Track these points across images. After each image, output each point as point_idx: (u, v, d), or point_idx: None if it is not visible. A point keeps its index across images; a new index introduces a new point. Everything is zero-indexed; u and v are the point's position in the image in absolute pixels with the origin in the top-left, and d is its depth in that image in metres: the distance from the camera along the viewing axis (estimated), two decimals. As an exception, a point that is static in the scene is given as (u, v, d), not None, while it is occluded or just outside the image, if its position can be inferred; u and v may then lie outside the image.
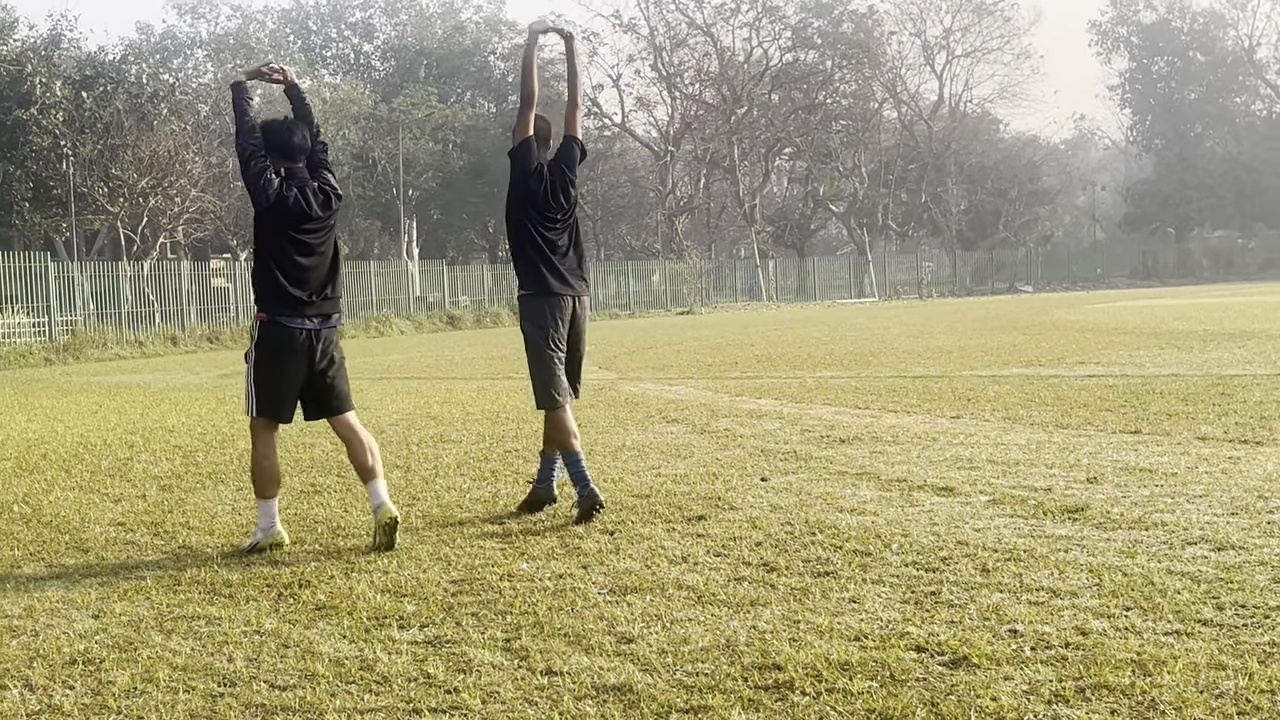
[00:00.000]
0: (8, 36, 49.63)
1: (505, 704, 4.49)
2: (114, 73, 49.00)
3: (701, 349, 26.16)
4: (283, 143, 7.42)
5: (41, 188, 46.01)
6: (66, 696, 4.70)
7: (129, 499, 9.14)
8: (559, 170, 8.13)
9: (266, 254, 7.34)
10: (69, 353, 32.38)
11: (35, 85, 44.63)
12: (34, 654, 5.25)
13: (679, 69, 77.88)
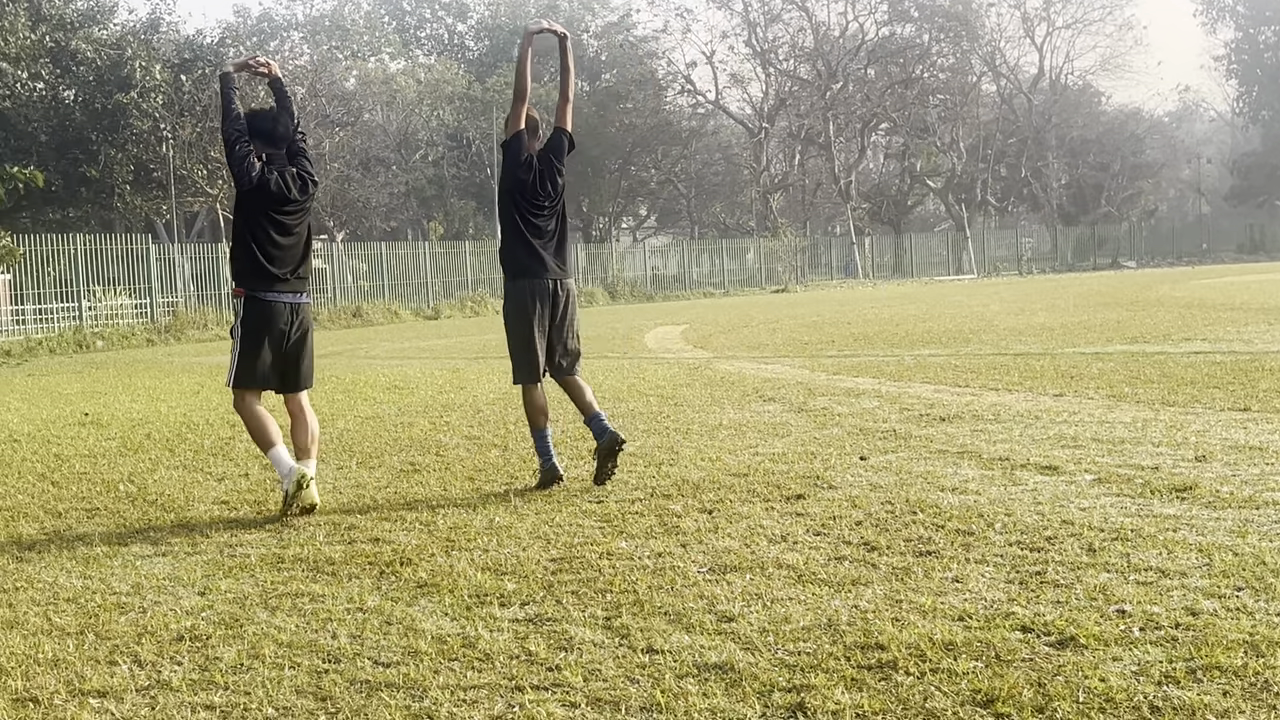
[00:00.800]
0: (108, 21, 50.49)
1: (607, 682, 4.48)
2: (212, 56, 49.63)
3: (797, 327, 26.04)
4: (266, 130, 7.95)
5: (142, 171, 46.77)
6: (175, 672, 4.76)
7: (232, 477, 9.26)
8: (547, 160, 8.59)
9: (246, 232, 7.85)
10: (170, 334, 32.90)
11: (135, 69, 45.34)
12: (142, 630, 5.32)
13: (773, 45, 77.49)
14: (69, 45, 46.74)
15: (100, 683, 4.66)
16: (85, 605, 5.76)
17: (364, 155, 58.19)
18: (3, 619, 5.56)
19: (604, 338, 25.66)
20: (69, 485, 9.17)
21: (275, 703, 4.39)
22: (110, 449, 11.13)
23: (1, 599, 5.92)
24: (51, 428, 13.03)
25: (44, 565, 6.60)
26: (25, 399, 16.60)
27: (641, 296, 53.89)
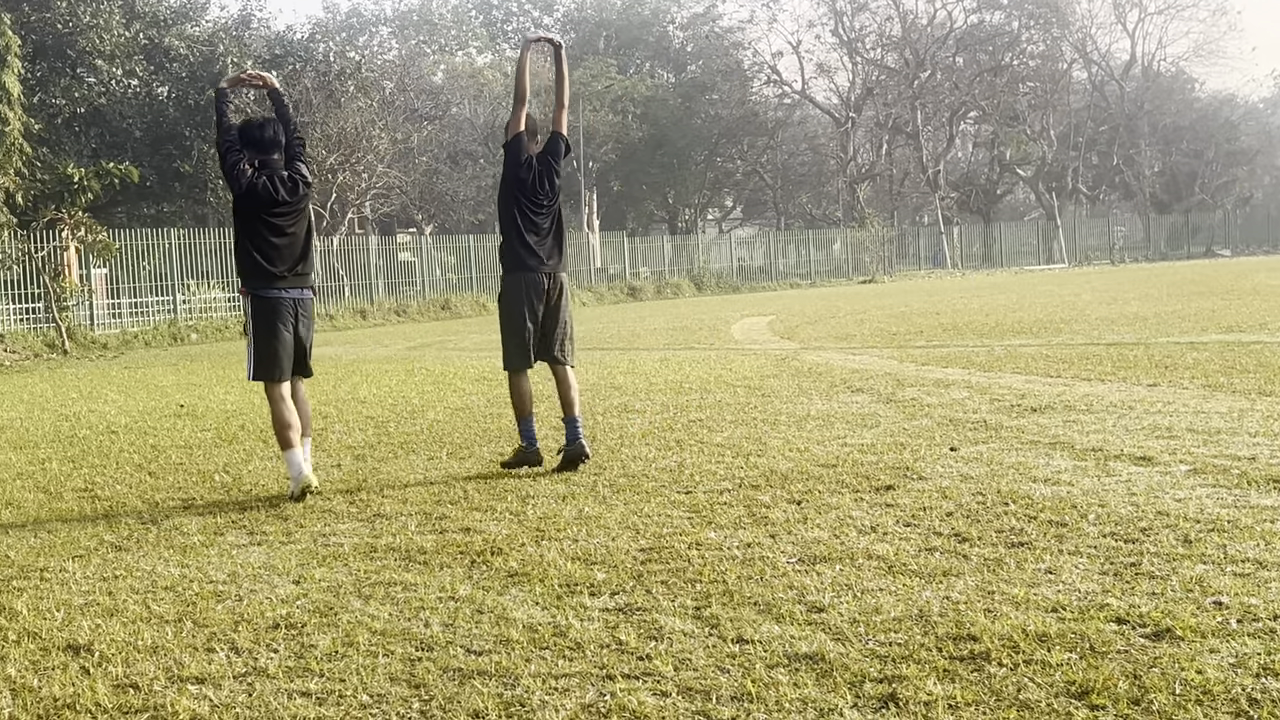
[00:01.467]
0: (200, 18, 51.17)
1: (697, 671, 4.49)
2: (302, 51, 50.16)
3: (885, 318, 25.89)
4: (255, 138, 8.42)
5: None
6: (271, 659, 4.83)
7: (325, 468, 9.36)
8: (545, 161, 9.03)
9: (244, 235, 8.43)
10: (264, 326, 33.29)
11: (227, 65, 45.88)
12: (239, 618, 5.40)
13: (860, 34, 77.05)
14: (162, 42, 47.42)
15: (198, 669, 4.74)
16: (183, 593, 5.86)
17: (451, 149, 58.56)
18: (103, 607, 5.67)
19: (690, 329, 25.67)
20: (166, 476, 9.33)
21: (370, 690, 4.45)
22: (205, 440, 11.30)
23: (102, 587, 6.03)
24: (148, 419, 13.25)
25: (142, 554, 6.72)
26: (122, 391, 16.89)
27: (727, 288, 53.81)
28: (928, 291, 41.56)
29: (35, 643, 5.17)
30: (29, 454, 10.90)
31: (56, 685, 4.63)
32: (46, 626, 5.39)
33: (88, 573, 6.34)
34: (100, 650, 5.01)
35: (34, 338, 27.05)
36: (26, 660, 4.95)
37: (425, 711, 4.26)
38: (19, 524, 7.72)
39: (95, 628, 5.33)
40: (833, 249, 66.87)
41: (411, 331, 31.19)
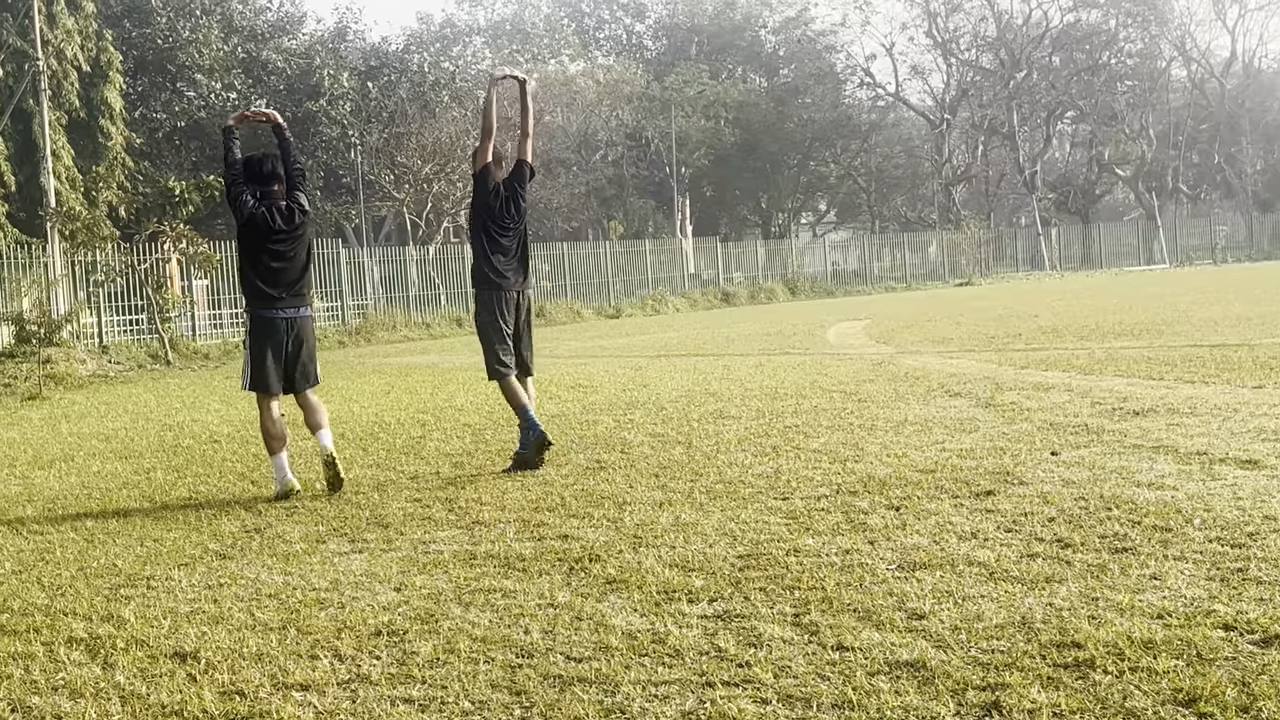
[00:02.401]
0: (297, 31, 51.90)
1: (797, 678, 4.47)
2: (397, 62, 50.69)
3: (982, 321, 25.65)
4: (257, 171, 9.14)
5: (332, 177, 47.97)
6: (374, 666, 4.88)
7: (423, 476, 9.44)
8: (512, 187, 9.81)
9: (245, 259, 9.15)
10: (360, 335, 33.66)
11: (324, 77, 46.53)
12: (341, 625, 5.46)
13: (954, 35, 76.44)
14: (260, 56, 48.17)
15: (302, 676, 4.80)
16: (286, 601, 5.93)
17: (545, 157, 58.81)
18: (209, 614, 5.76)
19: (785, 334, 25.59)
20: (267, 484, 9.44)
21: (471, 696, 4.48)
22: (305, 448, 11.43)
23: (207, 595, 6.12)
24: (249, 428, 13.42)
25: (246, 562, 6.82)
26: (224, 400, 17.14)
27: (822, 292, 53.58)
28: (1026, 294, 41.10)
29: (143, 650, 5.26)
30: (134, 463, 11.10)
31: (164, 692, 4.71)
32: (154, 634, 5.48)
33: (193, 581, 6.44)
34: (206, 657, 5.08)
35: (138, 348, 27.53)
36: (135, 667, 5.04)
37: (526, 718, 4.28)
38: (126, 532, 7.86)
39: (201, 635, 5.41)
40: (928, 252, 66.37)
41: (507, 339, 31.34)
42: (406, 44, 55.19)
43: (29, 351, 24.10)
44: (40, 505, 9.05)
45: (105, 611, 5.90)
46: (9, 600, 6.20)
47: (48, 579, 6.64)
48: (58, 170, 34.41)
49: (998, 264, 69.17)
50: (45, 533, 7.98)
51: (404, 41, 56.77)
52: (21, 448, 12.74)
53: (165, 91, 46.65)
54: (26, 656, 5.25)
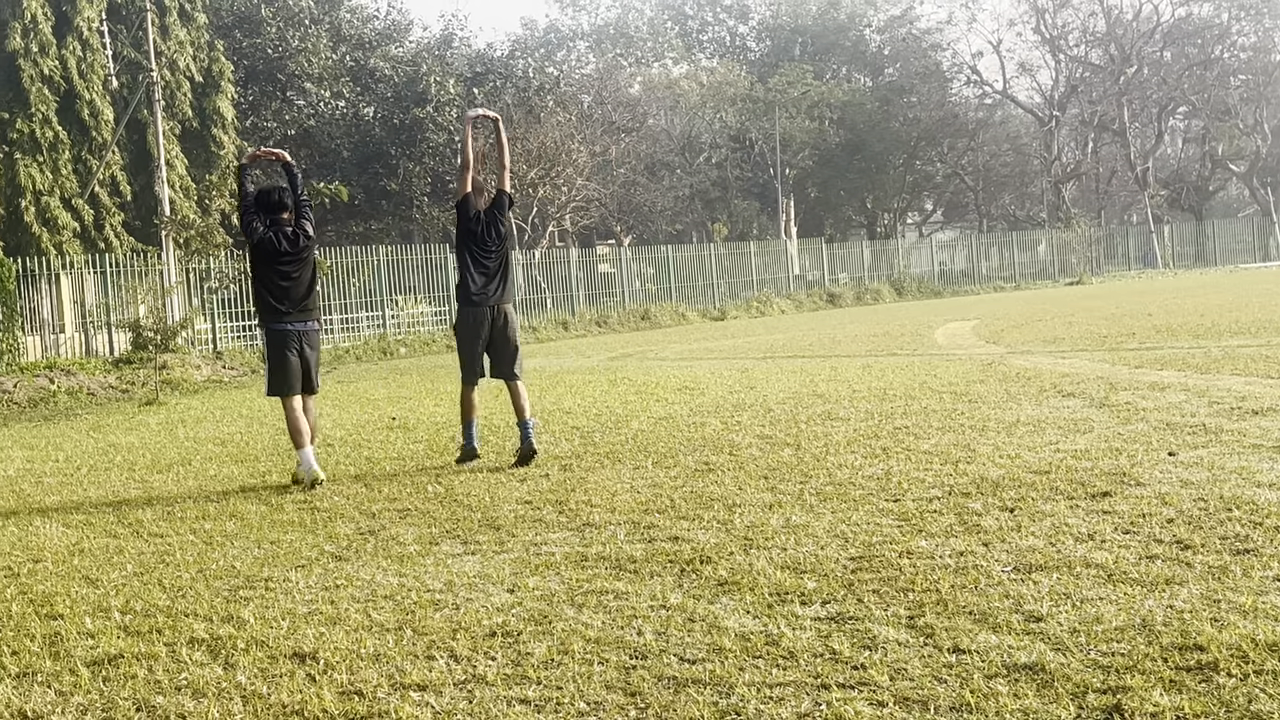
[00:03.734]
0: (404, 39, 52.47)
1: (913, 681, 4.44)
2: (502, 68, 51.07)
3: (1094, 320, 25.29)
4: (266, 202, 10.29)
5: (438, 182, 48.40)
6: (489, 667, 4.92)
7: (533, 478, 9.49)
8: (492, 215, 10.72)
9: (256, 279, 10.34)
10: (469, 339, 33.86)
11: (430, 84, 46.97)
12: (456, 626, 5.51)
13: (1063, 30, 75.40)
14: (368, 64, 48.75)
15: (419, 677, 4.85)
16: (402, 602, 5.99)
17: (649, 160, 58.99)
18: (327, 615, 5.83)
19: (892, 335, 25.41)
20: (380, 486, 9.56)
21: (586, 697, 4.50)
22: (417, 452, 11.56)
23: (324, 596, 6.21)
24: (361, 431, 13.60)
25: (361, 564, 6.90)
26: (336, 405, 17.35)
27: (929, 292, 53.12)
28: (1138, 292, 40.47)
29: (263, 650, 5.34)
30: (250, 467, 11.28)
31: (284, 692, 4.78)
32: (273, 635, 5.56)
33: (310, 582, 6.53)
34: (325, 658, 5.15)
35: (251, 354, 27.97)
36: (255, 667, 5.12)
37: (642, 719, 4.29)
38: (243, 535, 7.99)
39: (319, 636, 5.49)
40: (1037, 250, 65.55)
41: (612, 342, 31.45)
42: (511, 50, 55.60)
43: (145, 357, 24.62)
44: (159, 508, 9.22)
45: (225, 612, 6.00)
46: (132, 601, 6.33)
47: (168, 580, 6.77)
48: (172, 179, 35.10)
49: (1109, 262, 68.15)
50: (165, 535, 8.14)
51: (509, 47, 57.23)
52: (140, 452, 13.00)
53: (275, 100, 47.36)
54: (150, 657, 5.35)
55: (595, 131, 51.96)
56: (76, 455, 13.05)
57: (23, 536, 8.39)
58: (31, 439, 15.15)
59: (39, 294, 28.77)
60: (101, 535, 8.29)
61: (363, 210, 47.13)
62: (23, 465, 12.49)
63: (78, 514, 9.19)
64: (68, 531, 8.50)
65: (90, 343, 29.42)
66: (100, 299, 29.30)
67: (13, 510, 9.55)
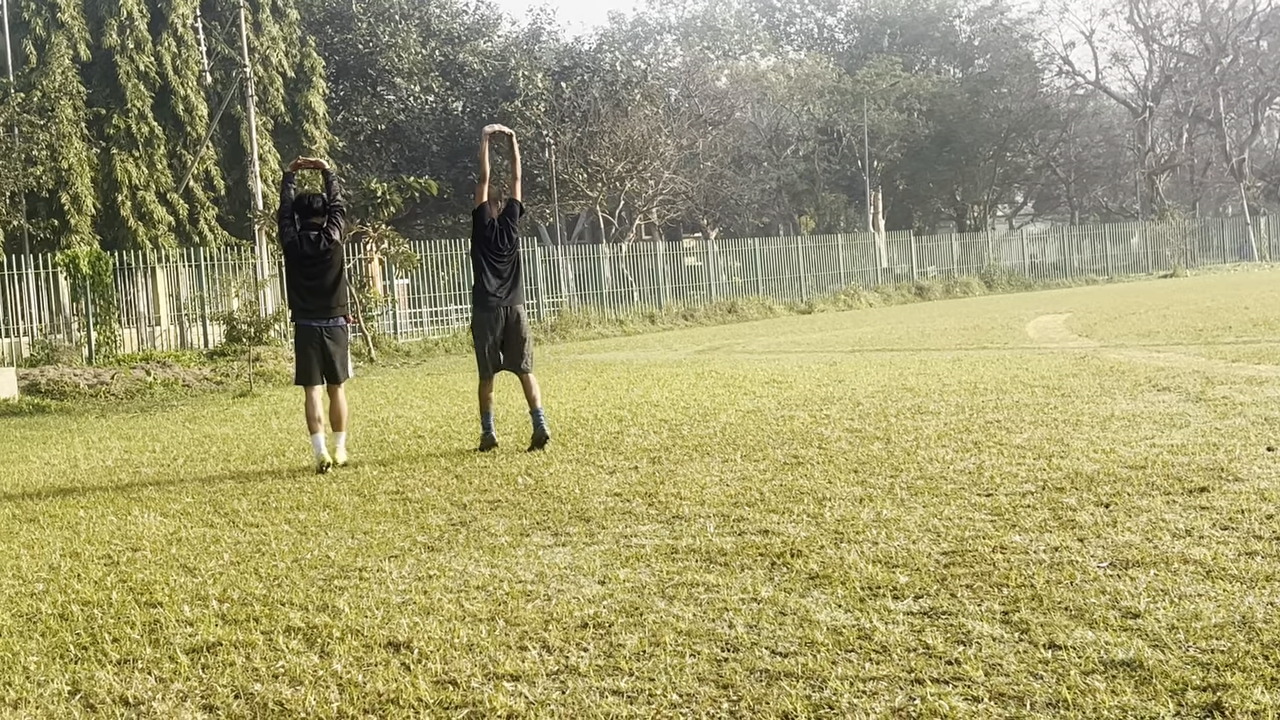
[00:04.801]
0: (492, 33, 52.72)
1: (1009, 677, 4.40)
2: (590, 62, 51.12)
3: (1189, 313, 24.91)
4: (304, 207, 11.04)
5: (526, 176, 48.48)
6: (581, 658, 4.94)
7: (622, 470, 9.52)
8: (505, 222, 11.52)
9: (287, 278, 11.37)
10: (555, 332, 34.02)
11: (519, 78, 47.16)
12: (548, 617, 5.54)
13: (1157, 20, 74.29)
14: (456, 58, 49.03)
15: (513, 667, 4.88)
16: (494, 593, 6.03)
17: (736, 153, 58.81)
18: (420, 605, 5.88)
19: (982, 328, 25.19)
20: (471, 478, 9.62)
21: (679, 689, 4.51)
22: (507, 444, 11.61)
23: (417, 586, 6.26)
24: (452, 423, 13.70)
25: (453, 554, 6.95)
26: (426, 397, 17.49)
27: (1019, 285, 52.57)
28: (1234, 285, 39.81)
29: (358, 640, 5.40)
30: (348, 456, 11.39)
31: (380, 681, 4.83)
32: (368, 624, 5.62)
33: (403, 572, 6.59)
34: (419, 647, 5.20)
35: (342, 346, 28.22)
36: (351, 656, 5.18)
37: (734, 712, 4.29)
38: (337, 525, 8.07)
39: (413, 625, 5.54)
40: (1130, 243, 64.65)
41: (699, 335, 31.42)
42: (599, 43, 55.59)
43: (239, 350, 24.94)
44: (254, 499, 9.35)
45: (320, 602, 6.07)
46: (229, 590, 6.42)
47: (265, 570, 6.86)
48: (264, 174, 35.55)
49: (1204, 255, 67.08)
50: (260, 525, 8.24)
51: (596, 41, 57.21)
52: (235, 443, 13.18)
53: (366, 95, 47.76)
54: (247, 645, 5.43)
55: (682, 125, 51.88)
56: (173, 446, 13.26)
57: (121, 526, 8.54)
58: (129, 430, 15.41)
59: (135, 287, 29.27)
60: (198, 525, 8.41)
61: (451, 204, 47.43)
62: (120, 456, 12.71)
63: (175, 504, 9.33)
64: (165, 521, 8.63)
65: (185, 335, 29.88)
66: (195, 292, 29.75)
67: (111, 500, 9.72)
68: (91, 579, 6.88)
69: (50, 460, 12.63)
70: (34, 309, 27.04)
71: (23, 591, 6.68)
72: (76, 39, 34.59)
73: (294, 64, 39.59)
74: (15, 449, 13.91)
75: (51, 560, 7.46)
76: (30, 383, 21.10)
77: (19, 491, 10.47)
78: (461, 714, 4.45)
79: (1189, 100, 73.30)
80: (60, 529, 8.55)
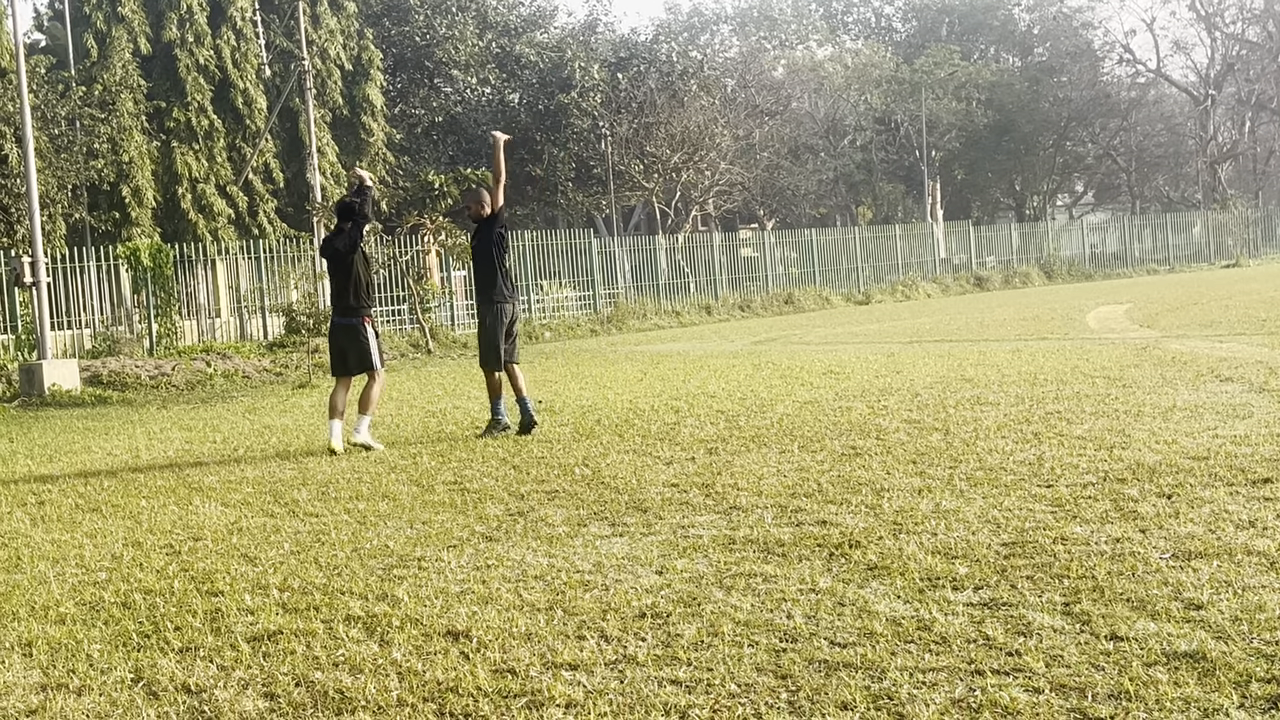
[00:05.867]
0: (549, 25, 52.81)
1: (1070, 668, 4.37)
2: (646, 53, 51.11)
3: (1252, 303, 24.63)
4: (342, 212, 12.14)
5: (582, 168, 48.65)
6: (639, 648, 4.94)
7: (679, 461, 9.51)
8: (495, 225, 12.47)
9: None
10: (612, 323, 34.06)
11: (575, 70, 47.20)
12: (606, 607, 5.54)
13: (1219, 8, 73.44)
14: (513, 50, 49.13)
15: (571, 656, 4.89)
16: (552, 582, 6.05)
17: (793, 143, 58.66)
18: (479, 595, 5.90)
19: (1041, 319, 25.01)
20: (528, 469, 9.65)
21: (737, 679, 4.50)
22: (564, 435, 11.64)
23: (475, 576, 6.28)
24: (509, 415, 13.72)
25: (511, 544, 6.97)
26: (482, 387, 17.51)
27: (1079, 275, 52.19)
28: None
29: (417, 628, 5.43)
30: (401, 449, 11.45)
31: (439, 669, 4.85)
32: (427, 613, 5.64)
33: (461, 562, 6.61)
34: (478, 636, 5.22)
35: (400, 338, 28.39)
36: (410, 645, 5.20)
37: (793, 702, 4.28)
38: (396, 515, 8.12)
39: (472, 615, 5.56)
40: (1192, 232, 64.00)
41: (756, 326, 31.37)
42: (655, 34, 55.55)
43: (298, 341, 25.12)
44: (314, 489, 9.41)
45: (380, 591, 6.10)
46: (289, 579, 6.47)
47: (324, 559, 6.90)
48: (322, 166, 35.76)
49: (1267, 245, 66.33)
50: (320, 515, 8.30)
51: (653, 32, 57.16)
52: (295, 434, 13.28)
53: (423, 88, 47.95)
54: (308, 633, 5.47)
55: (739, 115, 51.81)
56: (233, 437, 13.37)
57: (183, 515, 8.62)
58: (190, 421, 15.55)
59: (195, 279, 29.54)
60: (259, 515, 8.48)
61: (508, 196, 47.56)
62: (182, 446, 12.83)
63: (235, 494, 9.41)
64: (226, 511, 8.71)
65: (244, 327, 30.11)
66: (254, 284, 29.99)
67: (173, 490, 9.81)
68: (153, 568, 6.95)
69: (112, 450, 12.77)
70: (96, 301, 27.33)
71: (86, 580, 6.75)
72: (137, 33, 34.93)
73: (351, 57, 39.80)
74: (78, 439, 14.07)
75: (114, 549, 7.54)
76: (92, 374, 21.34)
77: (82, 481, 10.59)
78: (520, 703, 4.46)
79: (1251, 88, 72.46)
80: (122, 518, 8.64)
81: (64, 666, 5.21)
